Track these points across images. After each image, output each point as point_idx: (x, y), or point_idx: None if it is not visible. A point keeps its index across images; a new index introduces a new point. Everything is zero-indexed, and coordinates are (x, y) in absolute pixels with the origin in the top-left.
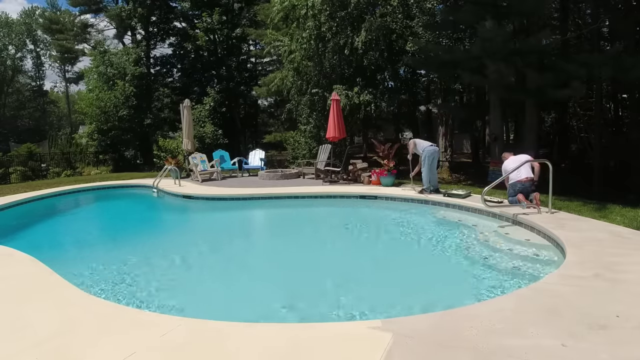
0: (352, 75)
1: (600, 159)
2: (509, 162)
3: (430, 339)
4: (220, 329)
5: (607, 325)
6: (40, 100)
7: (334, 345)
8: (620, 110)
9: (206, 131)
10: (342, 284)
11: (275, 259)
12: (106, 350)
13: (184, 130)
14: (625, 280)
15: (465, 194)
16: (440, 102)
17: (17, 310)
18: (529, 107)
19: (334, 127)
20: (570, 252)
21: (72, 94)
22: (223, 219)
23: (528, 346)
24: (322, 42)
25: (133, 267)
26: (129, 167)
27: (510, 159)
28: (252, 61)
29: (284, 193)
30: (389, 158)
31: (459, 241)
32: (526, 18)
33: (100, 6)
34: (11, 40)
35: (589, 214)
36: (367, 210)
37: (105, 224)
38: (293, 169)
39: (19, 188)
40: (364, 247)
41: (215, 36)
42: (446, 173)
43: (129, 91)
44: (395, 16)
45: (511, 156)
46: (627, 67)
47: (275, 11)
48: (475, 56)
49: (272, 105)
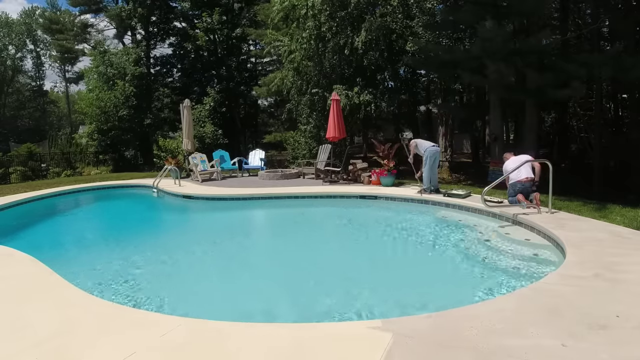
0: (352, 75)
1: (600, 159)
2: (509, 162)
3: (430, 339)
4: (220, 329)
5: (607, 325)
6: (40, 100)
7: (334, 345)
8: (620, 110)
9: (206, 131)
10: (342, 283)
11: (275, 259)
12: (106, 350)
13: (184, 130)
14: (625, 280)
15: (465, 194)
16: (440, 102)
17: (17, 310)
18: (529, 107)
19: (334, 127)
20: (570, 252)
21: (72, 94)
22: (223, 219)
23: (528, 346)
24: (322, 42)
25: (133, 267)
26: (129, 167)
27: (511, 159)
28: (252, 61)
29: (284, 193)
30: (389, 158)
31: (459, 241)
32: (526, 18)
33: (100, 6)
34: (11, 40)
35: (589, 214)
36: (367, 211)
37: (105, 224)
38: (293, 169)
39: (19, 188)
40: (364, 247)
41: (215, 36)
42: (446, 173)
43: (129, 91)
44: (395, 16)
45: (512, 156)
46: (627, 67)
47: (275, 11)
48: (475, 56)
49: (272, 105)
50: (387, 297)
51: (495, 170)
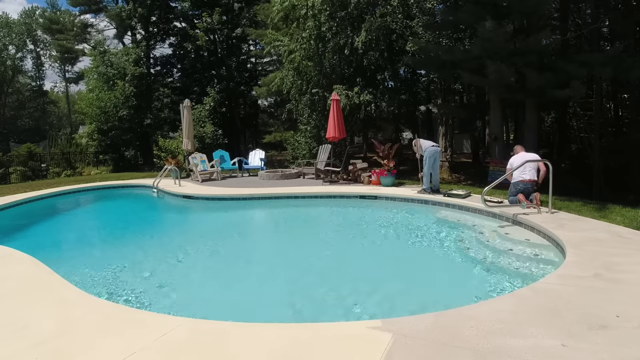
0: (352, 75)
1: (600, 159)
2: (517, 157)
3: (430, 339)
4: (220, 329)
5: (607, 325)
6: (40, 100)
7: (333, 346)
8: (620, 110)
9: (206, 131)
10: (342, 283)
11: (275, 259)
12: (106, 350)
13: (184, 130)
14: (625, 280)
15: (465, 194)
16: (440, 102)
17: (17, 310)
18: (529, 107)
19: (334, 127)
20: (570, 252)
21: (72, 94)
22: (223, 219)
23: (528, 346)
24: (322, 42)
25: (133, 267)
26: (129, 167)
27: (521, 154)
28: (252, 61)
29: (284, 193)
30: (389, 158)
31: (459, 241)
32: (526, 18)
33: (100, 6)
34: (11, 40)
35: (589, 214)
36: (367, 210)
37: (105, 224)
38: (293, 169)
39: (19, 188)
40: (364, 247)
41: (215, 36)
42: (446, 173)
43: (129, 91)
44: (395, 16)
45: (522, 151)
46: (627, 67)
47: (275, 11)
48: (475, 56)
49: (272, 105)
50: (387, 297)
51: (495, 170)
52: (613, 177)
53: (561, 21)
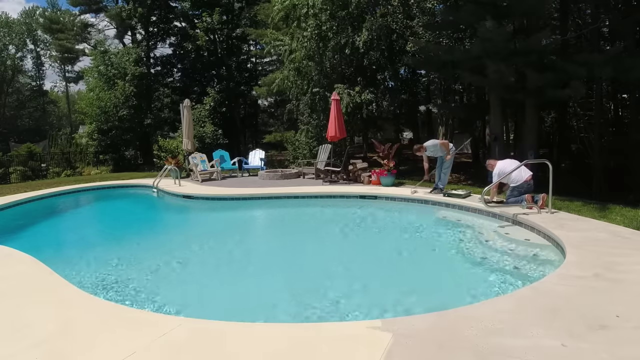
0: (352, 74)
1: (600, 159)
2: (505, 165)
3: (430, 339)
4: (220, 329)
5: (607, 325)
6: (40, 100)
7: (333, 346)
8: (620, 110)
9: (206, 131)
10: (341, 283)
11: (275, 259)
12: (106, 350)
13: (184, 130)
14: (625, 280)
15: (465, 194)
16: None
17: (17, 310)
18: (529, 107)
19: (334, 126)
20: (570, 252)
21: (72, 94)
22: (223, 219)
23: (528, 346)
24: (322, 42)
25: (133, 267)
26: (129, 167)
27: (505, 162)
28: (253, 61)
29: (284, 193)
30: (389, 158)
31: (459, 241)
32: (526, 18)
33: (100, 6)
34: (11, 40)
35: (589, 214)
36: (367, 210)
37: (105, 224)
38: (293, 169)
39: (19, 188)
40: (363, 247)
41: (216, 36)
42: None
43: (129, 91)
44: (396, 16)
45: (498, 162)
46: (627, 67)
47: (276, 11)
48: (475, 56)
49: (272, 105)
50: (387, 297)
51: None
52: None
53: (561, 21)
